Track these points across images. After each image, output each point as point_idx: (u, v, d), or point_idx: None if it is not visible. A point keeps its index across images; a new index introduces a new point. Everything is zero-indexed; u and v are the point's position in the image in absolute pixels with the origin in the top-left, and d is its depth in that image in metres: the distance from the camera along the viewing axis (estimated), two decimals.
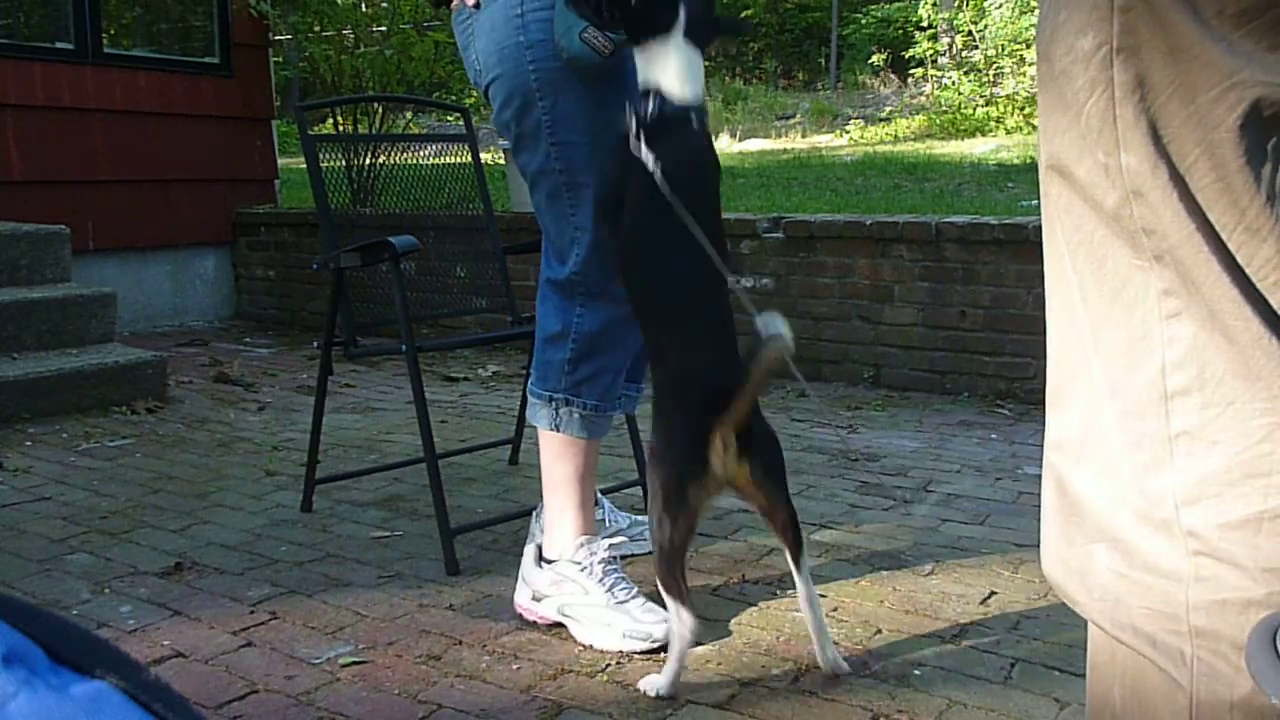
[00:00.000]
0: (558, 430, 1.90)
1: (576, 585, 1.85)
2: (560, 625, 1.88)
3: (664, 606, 1.68)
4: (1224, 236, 0.60)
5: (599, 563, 1.87)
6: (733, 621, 1.91)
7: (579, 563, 1.87)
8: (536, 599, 1.90)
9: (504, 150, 5.42)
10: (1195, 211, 0.60)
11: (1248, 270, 0.59)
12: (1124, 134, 0.62)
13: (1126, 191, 0.63)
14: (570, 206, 1.84)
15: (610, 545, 1.91)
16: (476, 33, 1.85)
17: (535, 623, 1.88)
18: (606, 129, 1.76)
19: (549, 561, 1.92)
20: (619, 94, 1.77)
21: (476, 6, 1.84)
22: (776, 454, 1.68)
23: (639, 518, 2.25)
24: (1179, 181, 0.61)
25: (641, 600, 1.84)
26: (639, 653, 1.77)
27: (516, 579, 1.96)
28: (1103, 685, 0.73)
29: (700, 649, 1.80)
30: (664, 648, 1.71)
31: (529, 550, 1.97)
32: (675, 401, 1.65)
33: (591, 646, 1.81)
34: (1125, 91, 0.62)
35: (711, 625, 1.89)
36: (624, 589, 1.86)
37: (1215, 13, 0.58)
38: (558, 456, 1.92)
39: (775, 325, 1.48)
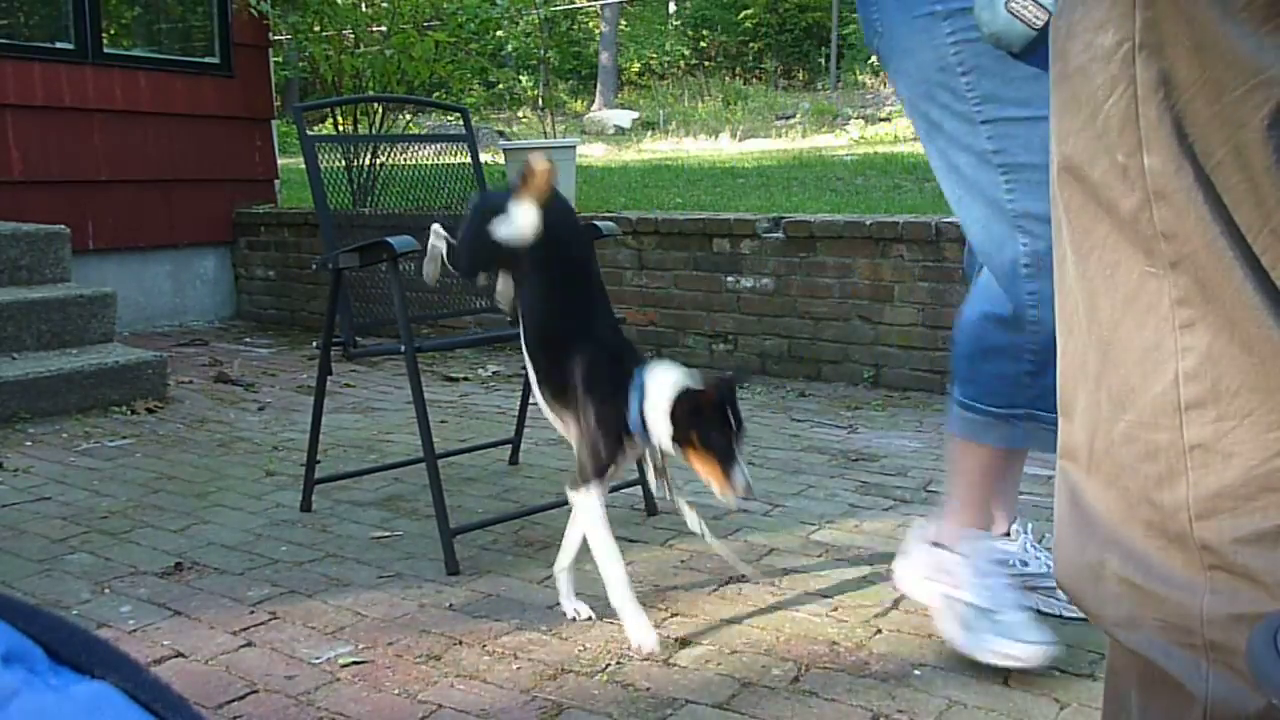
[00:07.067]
0: (1010, 445, 1.75)
1: (953, 577, 1.78)
2: (559, 625, 1.88)
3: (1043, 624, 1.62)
4: (1249, 239, 0.58)
5: (984, 560, 1.78)
6: (733, 621, 1.91)
7: (963, 555, 1.79)
8: (928, 579, 1.84)
9: (503, 150, 5.42)
10: (1220, 214, 0.58)
11: (1272, 274, 0.57)
12: (1147, 134, 0.60)
13: (1147, 194, 0.60)
14: (1007, 192, 1.64)
15: (1001, 552, 1.83)
16: None
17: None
18: (1043, 101, 1.67)
19: (938, 545, 1.84)
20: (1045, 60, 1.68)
21: None
22: None
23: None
24: (1204, 183, 0.58)
25: (1023, 616, 1.71)
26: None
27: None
28: (1120, 689, 0.72)
29: (700, 649, 1.80)
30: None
31: (923, 529, 1.90)
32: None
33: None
34: (1148, 90, 0.59)
35: (711, 625, 1.90)
36: (1008, 594, 1.75)
37: (1243, 5, 0.56)
38: (971, 452, 1.79)
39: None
